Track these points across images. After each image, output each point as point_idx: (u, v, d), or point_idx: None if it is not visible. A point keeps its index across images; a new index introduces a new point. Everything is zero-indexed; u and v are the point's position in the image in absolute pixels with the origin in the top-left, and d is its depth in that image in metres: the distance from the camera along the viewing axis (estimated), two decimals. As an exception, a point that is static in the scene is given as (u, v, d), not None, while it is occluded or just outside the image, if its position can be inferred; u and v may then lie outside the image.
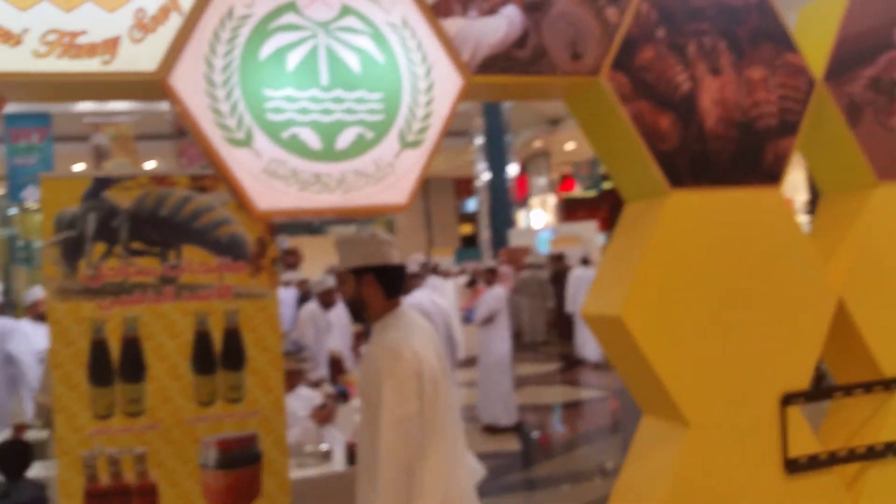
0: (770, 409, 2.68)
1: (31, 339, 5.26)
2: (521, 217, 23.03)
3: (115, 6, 2.14)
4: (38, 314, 5.60)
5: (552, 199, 24.90)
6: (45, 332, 5.22)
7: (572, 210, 25.32)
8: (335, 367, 6.45)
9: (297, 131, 2.25)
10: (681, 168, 2.64)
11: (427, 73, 2.38)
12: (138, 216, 3.10)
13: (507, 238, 17.90)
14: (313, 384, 4.99)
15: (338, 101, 2.30)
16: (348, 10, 2.31)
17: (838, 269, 2.85)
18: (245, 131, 2.19)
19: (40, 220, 3.08)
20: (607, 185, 22.64)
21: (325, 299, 6.70)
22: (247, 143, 2.19)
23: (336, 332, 6.73)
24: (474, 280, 10.60)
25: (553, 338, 13.40)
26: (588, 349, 11.18)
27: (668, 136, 2.62)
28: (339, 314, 6.77)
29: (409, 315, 2.63)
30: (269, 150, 2.22)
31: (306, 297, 7.63)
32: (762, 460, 2.67)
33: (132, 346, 3.09)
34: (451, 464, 2.49)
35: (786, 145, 2.73)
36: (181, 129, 12.81)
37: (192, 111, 2.14)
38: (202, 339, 3.17)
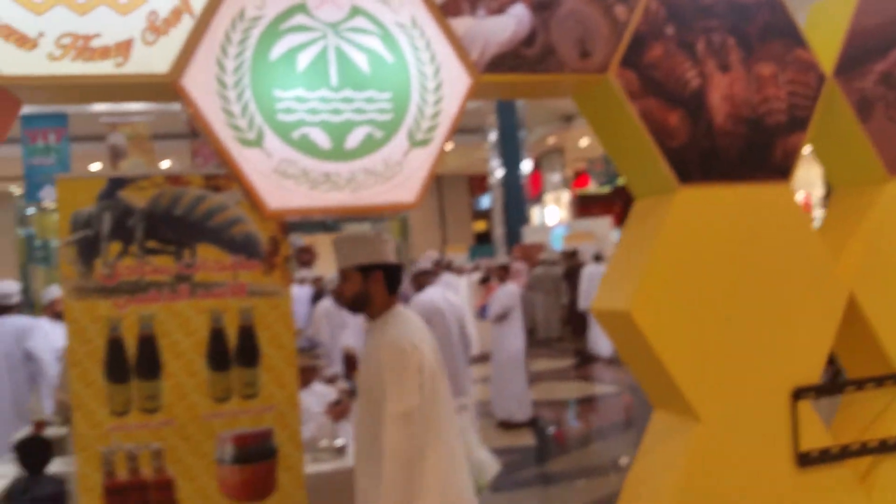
0: (781, 404, 2.69)
1: (50, 336, 5.32)
2: (535, 213, 23.00)
3: (128, 9, 2.17)
4: (56, 313, 5.67)
5: (566, 196, 24.85)
6: (63, 331, 5.30)
7: (586, 206, 25.24)
8: (350, 364, 6.48)
9: (307, 131, 2.28)
10: (690, 164, 2.65)
11: (436, 73, 2.40)
12: (153, 215, 3.14)
13: (522, 235, 17.87)
14: (328, 380, 5.03)
15: (347, 101, 2.33)
16: (358, 11, 2.34)
17: (849, 263, 2.85)
18: (256, 131, 2.22)
19: (57, 219, 3.12)
20: (622, 181, 22.50)
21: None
22: (258, 144, 2.23)
23: (350, 329, 6.77)
24: (487, 277, 10.60)
25: (567, 334, 13.39)
26: (601, 345, 11.17)
27: (677, 132, 2.63)
28: (353, 311, 6.77)
29: (406, 313, 2.68)
30: (280, 150, 2.25)
31: (321, 295, 7.67)
32: (773, 454, 2.68)
33: (148, 344, 3.13)
34: (450, 457, 2.52)
35: (795, 141, 2.73)
36: (195, 129, 12.91)
37: (204, 112, 2.17)
38: (217, 336, 3.21)
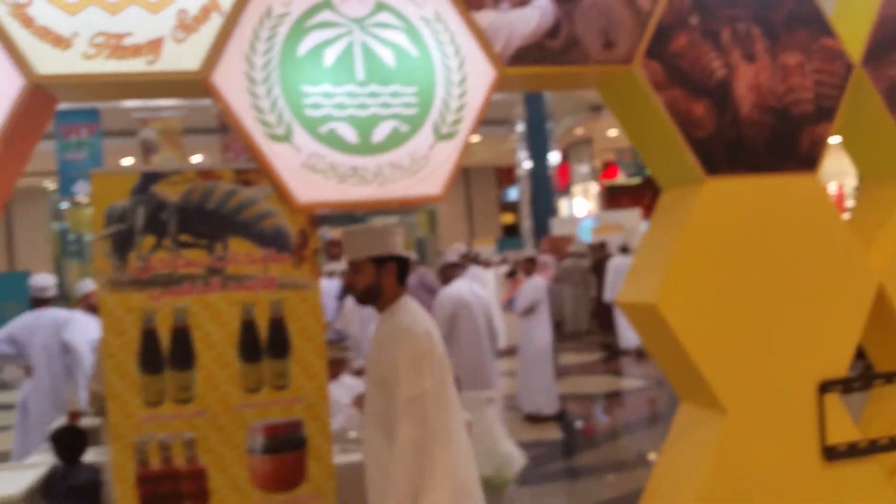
0: (807, 396, 2.68)
1: (86, 329, 5.41)
2: (563, 205, 22.90)
3: (159, 8, 2.22)
4: (90, 305, 5.76)
5: (594, 187, 24.69)
6: (97, 323, 5.40)
7: (615, 198, 25.06)
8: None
9: (334, 126, 2.32)
10: (716, 155, 2.64)
11: (460, 66, 2.42)
12: (186, 209, 3.19)
13: (549, 227, 17.80)
14: (356, 373, 5.07)
15: (373, 95, 2.36)
16: (382, 6, 2.37)
17: (878, 255, 2.82)
18: (285, 127, 2.26)
19: (91, 214, 3.18)
20: (651, 171, 22.31)
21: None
22: (287, 139, 2.27)
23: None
24: (514, 271, 10.58)
25: (595, 328, 13.34)
26: (626, 338, 11.13)
27: (703, 123, 2.62)
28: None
29: (413, 303, 2.70)
30: (308, 145, 2.29)
31: (349, 287, 7.68)
32: (800, 447, 2.67)
33: (181, 336, 3.19)
34: (458, 442, 2.55)
35: (822, 131, 2.71)
36: (225, 124, 13.03)
37: (234, 108, 2.22)
38: (248, 328, 3.26)
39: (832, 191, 17.71)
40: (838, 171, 15.53)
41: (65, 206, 20.23)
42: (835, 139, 2.81)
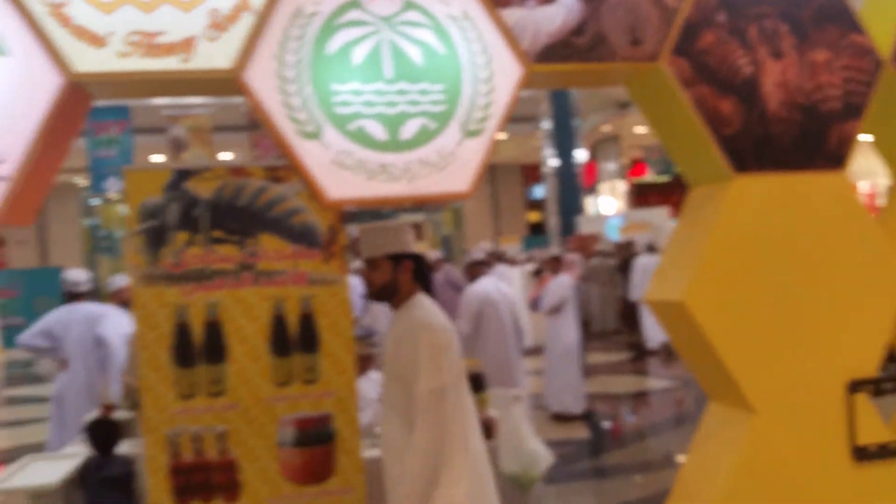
0: (837, 396, 2.66)
1: (119, 323, 5.50)
2: (589, 203, 22.78)
3: (191, 7, 2.27)
4: (123, 300, 5.85)
5: (622, 185, 24.54)
6: (130, 318, 5.47)
7: (643, 196, 24.89)
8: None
9: (363, 123, 2.35)
10: (744, 152, 2.63)
11: (487, 64, 2.44)
12: (218, 206, 3.24)
13: (576, 225, 17.73)
14: (383, 368, 5.11)
15: (401, 93, 2.39)
16: (410, 5, 2.40)
17: (909, 252, 2.80)
18: (315, 124, 2.30)
19: (122, 210, 3.24)
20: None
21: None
22: (317, 136, 2.31)
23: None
24: (541, 269, 10.54)
25: (623, 327, 13.27)
26: (651, 337, 11.07)
27: (731, 120, 2.62)
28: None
29: (427, 300, 2.72)
30: (338, 142, 2.33)
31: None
32: (829, 447, 2.65)
33: (214, 330, 3.24)
34: (475, 439, 2.57)
35: (850, 128, 2.69)
36: (255, 122, 13.14)
37: (266, 106, 2.26)
38: (279, 322, 3.31)
39: (864, 190, 17.45)
40: (870, 170, 15.30)
41: (96, 202, 20.55)
42: (866, 137, 2.78)
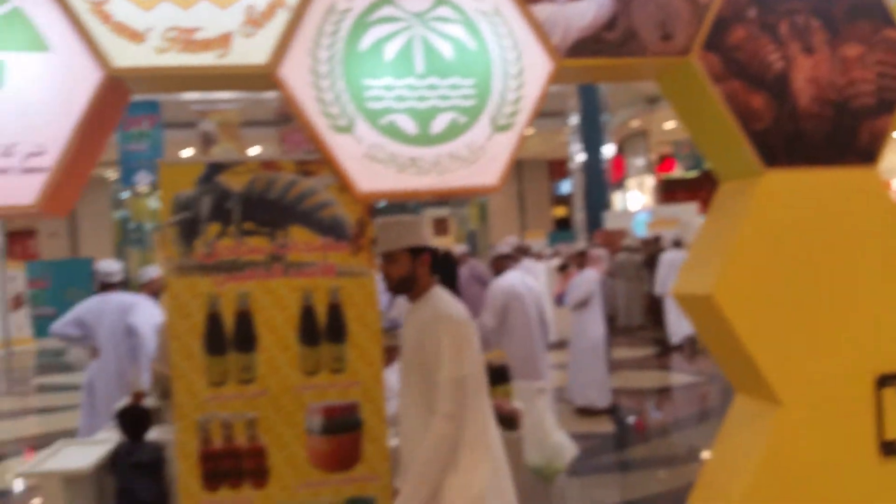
0: (865, 391, 2.65)
1: (150, 313, 5.60)
2: (616, 199, 22.67)
3: (228, 3, 2.32)
4: (153, 291, 5.96)
5: (650, 181, 24.38)
6: (160, 308, 5.57)
7: (671, 191, 24.71)
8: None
9: (394, 118, 2.39)
10: (774, 147, 2.63)
11: (517, 59, 2.47)
12: (249, 199, 3.30)
13: (603, 220, 17.67)
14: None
15: (432, 87, 2.42)
16: (442, 1, 2.42)
17: (941, 249, 2.78)
18: (347, 119, 2.34)
19: (151, 203, 3.31)
20: (709, 165, 21.83)
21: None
22: (349, 130, 2.35)
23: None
24: (566, 264, 10.53)
25: (649, 322, 13.22)
26: (675, 333, 11.02)
27: (762, 115, 2.62)
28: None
29: (445, 293, 2.74)
30: (369, 136, 2.37)
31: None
32: (856, 442, 2.65)
33: (244, 319, 3.31)
34: (491, 429, 2.60)
35: (883, 124, 2.68)
36: (286, 116, 13.22)
37: (300, 101, 2.30)
38: (308, 313, 3.36)
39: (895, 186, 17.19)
40: (904, 166, 15.06)
41: (125, 195, 20.84)
42: (896, 133, 2.77)
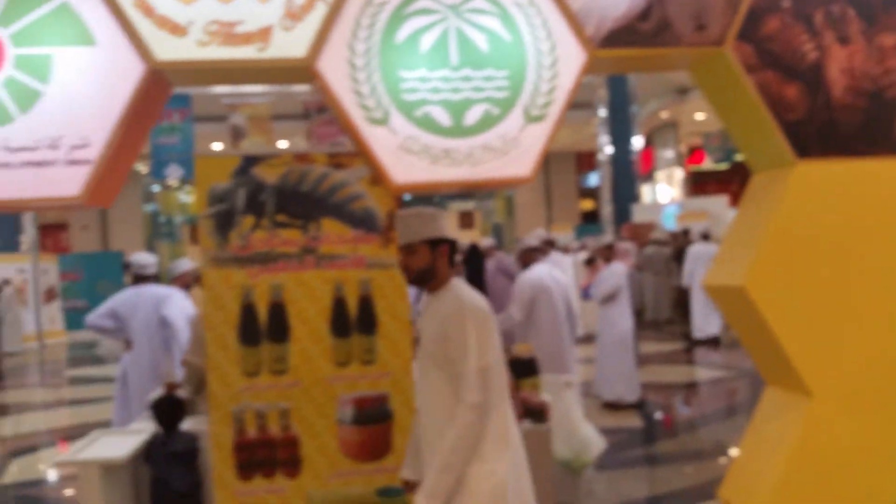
0: (898, 383, 2.64)
1: (183, 305, 5.67)
2: (645, 192, 22.48)
3: (267, -3, 2.35)
4: (185, 284, 6.03)
5: (679, 173, 24.15)
6: (191, 301, 5.63)
7: (701, 184, 24.46)
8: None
9: (429, 110, 2.41)
10: (808, 138, 2.62)
11: (551, 49, 2.48)
12: (283, 191, 3.35)
13: (631, 213, 17.54)
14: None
15: (466, 79, 2.44)
16: (477, -8, 2.44)
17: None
18: (383, 111, 2.37)
19: (182, 197, 3.35)
20: (740, 157, 21.55)
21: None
22: (384, 122, 2.37)
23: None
24: (594, 258, 10.47)
25: (677, 316, 13.13)
26: (700, 328, 10.94)
27: (795, 106, 2.61)
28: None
29: (464, 284, 2.75)
30: (404, 128, 2.39)
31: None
32: (887, 434, 2.63)
33: (278, 311, 3.36)
34: (511, 422, 2.61)
35: (920, 114, 2.66)
36: (320, 108, 13.25)
37: (337, 93, 2.33)
38: (339, 304, 3.41)
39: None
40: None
41: (156, 189, 21.07)
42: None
